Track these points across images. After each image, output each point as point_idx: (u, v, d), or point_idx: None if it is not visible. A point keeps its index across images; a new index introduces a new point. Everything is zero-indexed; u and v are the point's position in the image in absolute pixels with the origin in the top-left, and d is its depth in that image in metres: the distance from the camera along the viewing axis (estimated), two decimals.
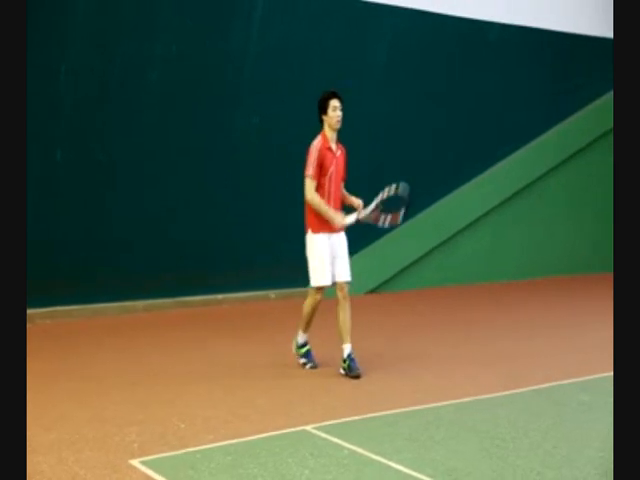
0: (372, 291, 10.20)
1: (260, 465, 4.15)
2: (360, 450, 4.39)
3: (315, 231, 6.02)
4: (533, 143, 11.46)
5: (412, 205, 6.01)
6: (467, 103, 10.79)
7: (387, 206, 5.96)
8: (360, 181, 10.07)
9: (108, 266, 8.43)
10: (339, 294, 6.01)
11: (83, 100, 8.16)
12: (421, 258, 10.58)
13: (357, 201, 6.15)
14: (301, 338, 6.26)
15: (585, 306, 9.63)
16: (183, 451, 4.36)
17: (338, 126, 6.04)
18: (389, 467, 4.16)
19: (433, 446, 4.49)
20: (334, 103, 6.03)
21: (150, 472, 4.05)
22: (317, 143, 6.00)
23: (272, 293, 9.38)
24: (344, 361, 6.05)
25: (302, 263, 9.64)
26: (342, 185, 6.20)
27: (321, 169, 5.94)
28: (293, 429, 4.73)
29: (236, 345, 6.69)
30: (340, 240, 6.11)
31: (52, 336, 7.42)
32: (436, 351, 7.03)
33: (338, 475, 4.04)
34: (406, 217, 6.04)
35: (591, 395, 5.57)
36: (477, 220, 11.02)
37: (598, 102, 11.74)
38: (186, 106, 8.74)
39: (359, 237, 10.01)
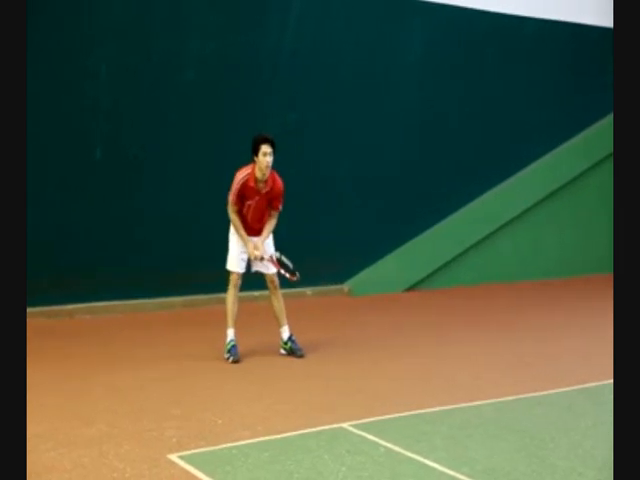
0: (410, 288, 10.16)
1: (297, 462, 4.16)
2: (397, 448, 4.37)
3: None
4: (572, 141, 11.29)
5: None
6: (504, 100, 10.68)
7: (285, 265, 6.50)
8: (392, 181, 10.11)
9: (147, 263, 8.51)
10: (270, 286, 6.55)
11: (122, 99, 8.25)
12: (458, 256, 10.50)
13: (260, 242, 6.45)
14: (229, 335, 6.40)
15: None
16: (220, 447, 4.39)
17: (267, 171, 6.32)
18: (425, 465, 4.14)
19: (471, 445, 4.45)
20: (265, 149, 6.26)
21: (188, 467, 4.08)
22: (242, 178, 6.32)
23: (308, 290, 9.40)
24: (285, 343, 6.55)
25: (338, 261, 9.74)
26: (272, 214, 6.46)
27: (241, 199, 6.31)
28: (330, 426, 4.73)
29: (272, 342, 6.71)
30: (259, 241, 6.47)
31: (91, 331, 7.52)
32: (474, 350, 6.97)
33: (374, 473, 4.03)
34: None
35: None
36: (515, 219, 10.90)
37: None
38: (221, 102, 8.77)
39: (397, 235, 10.09)
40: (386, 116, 9.84)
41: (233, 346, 6.38)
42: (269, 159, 6.25)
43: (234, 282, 6.47)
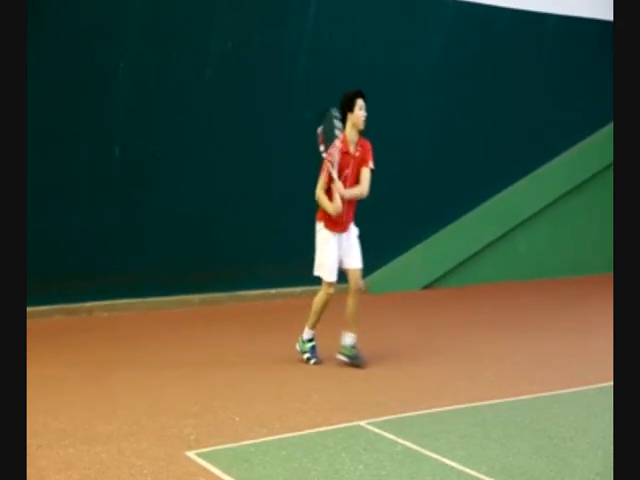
0: (427, 286, 10.13)
1: (314, 459, 4.16)
2: (414, 446, 4.37)
3: (325, 226, 6.13)
4: (591, 138, 11.21)
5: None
6: (522, 97, 10.61)
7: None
8: (409, 179, 10.07)
9: (165, 260, 8.55)
10: (352, 285, 6.12)
11: (141, 98, 8.28)
12: (476, 254, 10.45)
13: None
14: (307, 334, 6.27)
15: None
16: (238, 444, 4.40)
17: (362, 127, 6.03)
18: (443, 464, 4.13)
19: (489, 444, 4.44)
20: (361, 102, 6.02)
21: (206, 464, 4.10)
22: (337, 147, 6.00)
23: None
24: (351, 348, 6.15)
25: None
26: (363, 172, 6.10)
27: (337, 171, 6.02)
28: (347, 424, 4.73)
29: (289, 340, 6.71)
30: (348, 235, 6.18)
31: (110, 328, 7.57)
32: (492, 349, 6.94)
33: (392, 471, 4.03)
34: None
35: None
36: (533, 216, 10.84)
37: None
38: (239, 102, 8.78)
39: (414, 232, 10.06)
40: (403, 114, 9.80)
41: (314, 347, 6.23)
42: (365, 113, 5.99)
43: (329, 291, 6.12)
